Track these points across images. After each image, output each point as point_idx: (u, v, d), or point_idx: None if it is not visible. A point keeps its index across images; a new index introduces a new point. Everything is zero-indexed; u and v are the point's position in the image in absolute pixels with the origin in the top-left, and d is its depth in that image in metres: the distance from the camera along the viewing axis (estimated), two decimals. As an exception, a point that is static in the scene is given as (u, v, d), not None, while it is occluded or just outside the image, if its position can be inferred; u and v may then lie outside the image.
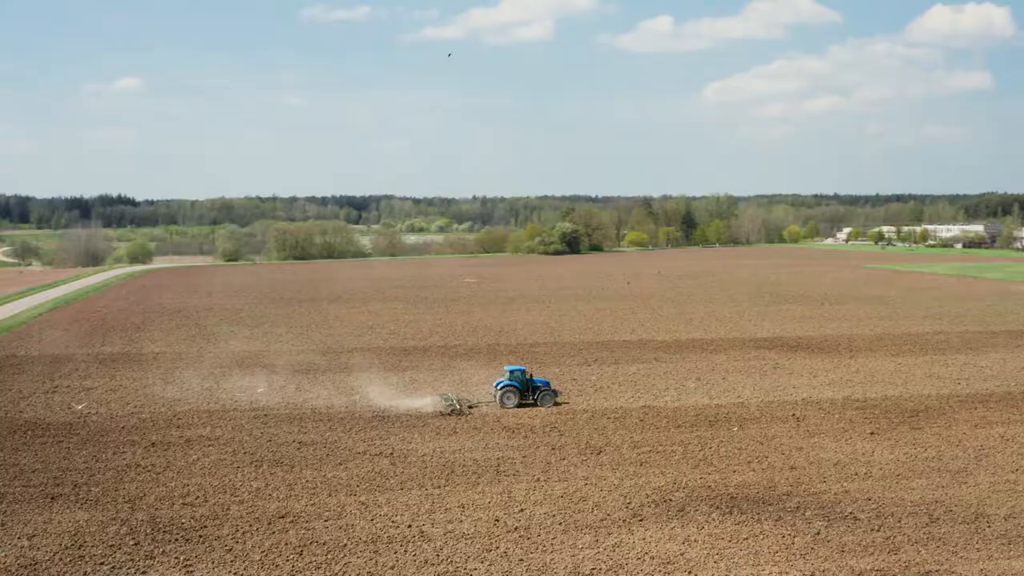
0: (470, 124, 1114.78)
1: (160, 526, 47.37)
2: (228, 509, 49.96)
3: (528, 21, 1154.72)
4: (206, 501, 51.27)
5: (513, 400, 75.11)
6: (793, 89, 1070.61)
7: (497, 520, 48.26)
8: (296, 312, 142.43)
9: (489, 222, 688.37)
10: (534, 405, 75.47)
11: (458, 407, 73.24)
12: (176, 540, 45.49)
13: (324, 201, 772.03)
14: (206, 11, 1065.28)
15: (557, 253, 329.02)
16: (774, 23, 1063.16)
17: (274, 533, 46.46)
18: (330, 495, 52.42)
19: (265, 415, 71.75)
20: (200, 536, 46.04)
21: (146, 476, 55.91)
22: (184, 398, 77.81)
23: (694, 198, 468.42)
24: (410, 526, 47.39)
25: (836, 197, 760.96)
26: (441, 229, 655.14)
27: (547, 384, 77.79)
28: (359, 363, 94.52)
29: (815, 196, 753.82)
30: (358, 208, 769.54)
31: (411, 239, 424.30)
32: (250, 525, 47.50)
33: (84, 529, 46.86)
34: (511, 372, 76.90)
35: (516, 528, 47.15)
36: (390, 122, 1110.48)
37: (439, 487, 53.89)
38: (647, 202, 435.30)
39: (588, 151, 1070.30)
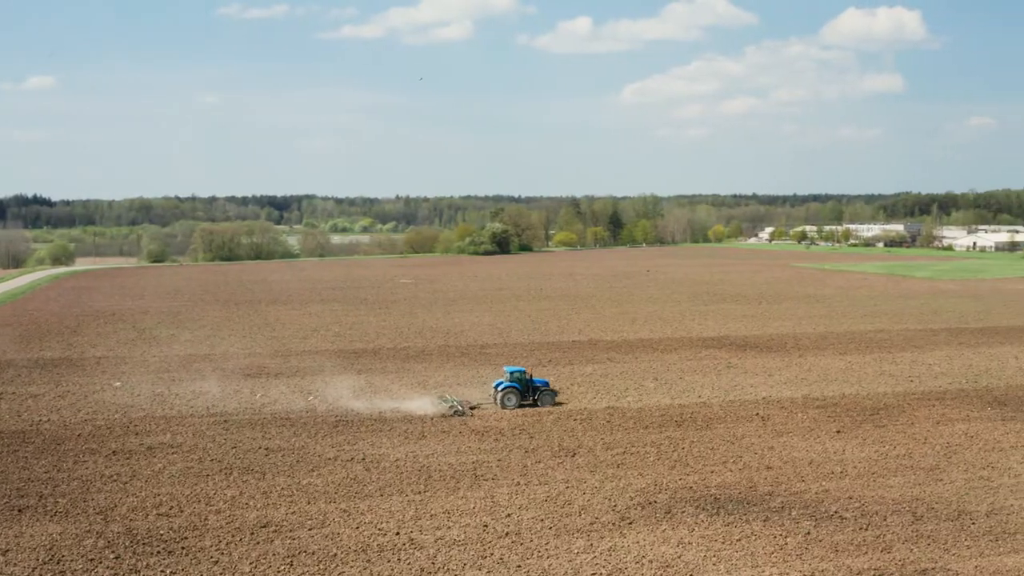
0: (391, 124, 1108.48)
1: (138, 538, 45.72)
2: (206, 519, 48.43)
3: (447, 21, 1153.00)
4: (181, 511, 49.65)
5: (514, 401, 74.49)
6: (710, 90, 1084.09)
7: (486, 526, 47.49)
8: (235, 314, 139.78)
9: (413, 222, 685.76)
10: (533, 405, 75.02)
11: (460, 409, 72.55)
12: (158, 552, 43.93)
13: (244, 201, 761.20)
14: (120, 9, 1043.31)
15: (487, 253, 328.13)
16: (691, 25, 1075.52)
17: (259, 543, 45.11)
18: (309, 503, 51.14)
19: (225, 421, 69.97)
20: (183, 548, 44.52)
21: (113, 486, 54.03)
22: (137, 404, 75.63)
23: (620, 198, 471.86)
24: (398, 533, 46.38)
25: (755, 197, 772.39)
26: (365, 229, 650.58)
27: (546, 384, 77.40)
28: (311, 366, 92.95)
29: (734, 196, 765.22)
30: (279, 208, 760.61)
31: (337, 239, 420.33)
32: (232, 535, 46.07)
33: (59, 543, 45.03)
34: (511, 373, 76.23)
35: (507, 533, 46.43)
36: (310, 121, 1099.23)
37: (419, 493, 52.92)
38: (575, 202, 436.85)
39: (510, 151, 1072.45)
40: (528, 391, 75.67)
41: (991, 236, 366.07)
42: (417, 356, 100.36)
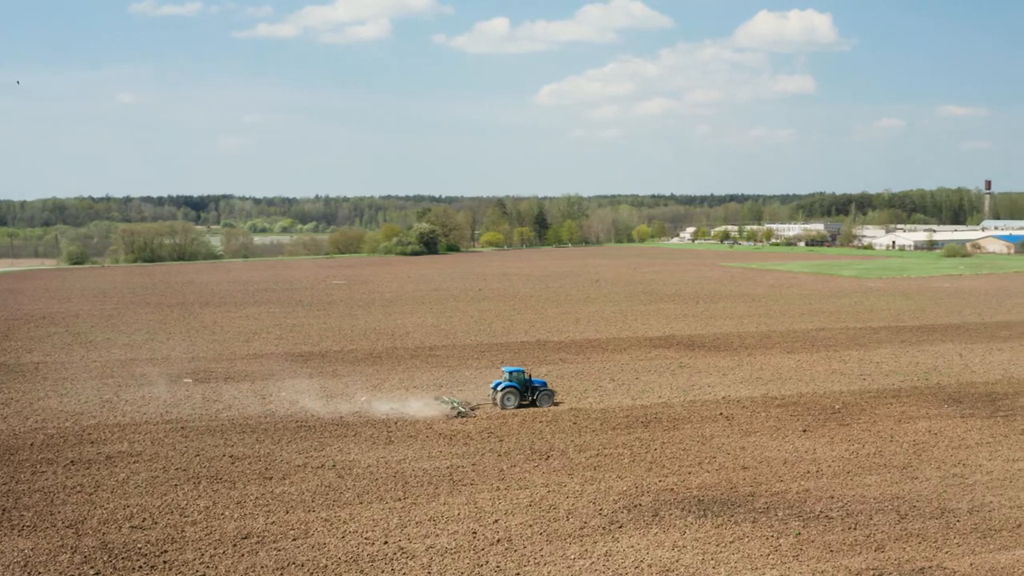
0: (309, 123, 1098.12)
1: (115, 552, 43.87)
2: (183, 531, 46.69)
3: (364, 20, 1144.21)
4: (155, 523, 47.81)
5: (513, 401, 74.00)
6: (625, 92, 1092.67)
7: (475, 533, 46.51)
8: (170, 317, 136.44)
9: (333, 222, 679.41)
10: (532, 405, 74.52)
11: (464, 410, 71.83)
12: (140, 568, 42.18)
13: (160, 201, 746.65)
14: (32, 7, 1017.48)
15: (415, 254, 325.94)
16: (607, 27, 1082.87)
17: (244, 555, 43.58)
18: (287, 512, 49.64)
19: (182, 427, 67.88)
20: (164, 562, 42.81)
21: (79, 498, 51.91)
22: (86, 411, 73.09)
23: (544, 198, 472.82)
24: (386, 542, 45.19)
25: (674, 197, 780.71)
26: (284, 230, 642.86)
27: (544, 384, 76.80)
28: (260, 370, 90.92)
29: (653, 196, 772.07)
30: (196, 208, 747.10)
31: (259, 240, 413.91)
32: (214, 548, 44.45)
33: (32, 559, 43.00)
34: (510, 373, 75.54)
35: (498, 540, 45.51)
36: (226, 120, 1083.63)
37: (399, 500, 51.73)
38: (501, 203, 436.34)
39: (429, 151, 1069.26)
40: (527, 391, 75.17)
41: (909, 235, 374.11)
42: (366, 359, 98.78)
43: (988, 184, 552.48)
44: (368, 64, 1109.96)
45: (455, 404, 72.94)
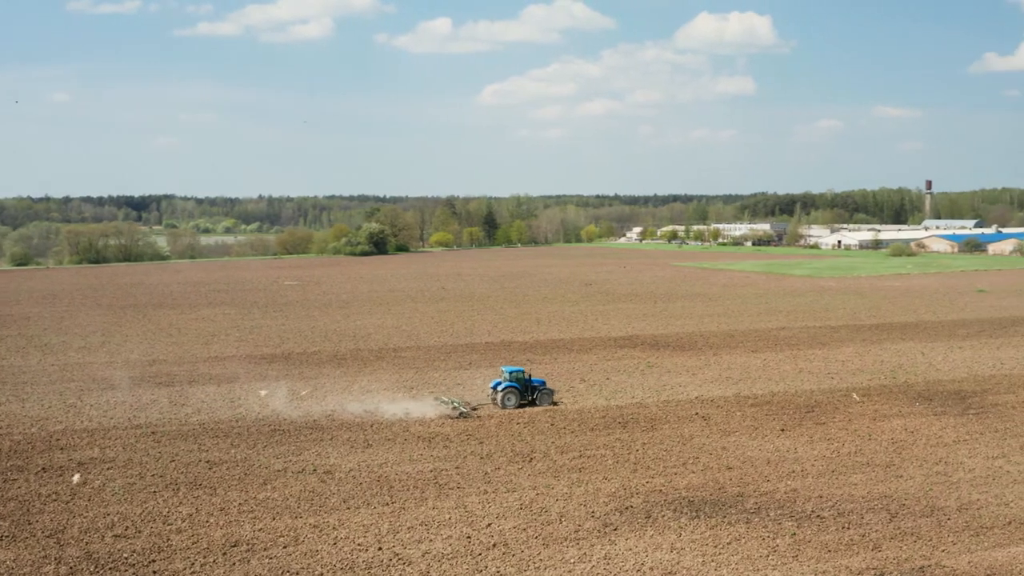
0: (251, 122, 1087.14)
1: (100, 562, 42.55)
2: (168, 540, 45.41)
3: (306, 19, 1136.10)
4: (139, 532, 46.46)
5: (514, 401, 73.67)
6: (568, 92, 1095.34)
7: (469, 537, 45.78)
8: (125, 319, 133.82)
9: (277, 222, 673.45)
10: (532, 405, 74.25)
11: (465, 411, 71.34)
12: (129, 578, 40.88)
13: (101, 201, 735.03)
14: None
15: (364, 254, 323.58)
16: (550, 27, 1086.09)
17: (235, 564, 42.47)
18: (274, 519, 48.52)
19: (152, 432, 66.30)
20: (153, 572, 41.60)
21: (55, 506, 50.37)
22: (51, 416, 71.20)
23: (493, 198, 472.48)
24: (380, 549, 44.29)
25: (618, 197, 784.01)
26: (228, 230, 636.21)
27: (543, 384, 76.45)
28: (224, 373, 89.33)
29: (598, 197, 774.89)
30: (137, 208, 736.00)
31: (203, 240, 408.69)
32: (204, 557, 43.28)
33: (15, 571, 41.55)
34: (510, 373, 75.08)
35: (494, 545, 44.82)
36: (167, 119, 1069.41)
37: (387, 504, 50.82)
38: (450, 203, 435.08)
39: (373, 150, 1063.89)
40: (527, 390, 74.89)
41: (855, 235, 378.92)
42: (331, 361, 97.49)
43: (928, 184, 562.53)
44: (311, 63, 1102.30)
45: (456, 404, 72.35)
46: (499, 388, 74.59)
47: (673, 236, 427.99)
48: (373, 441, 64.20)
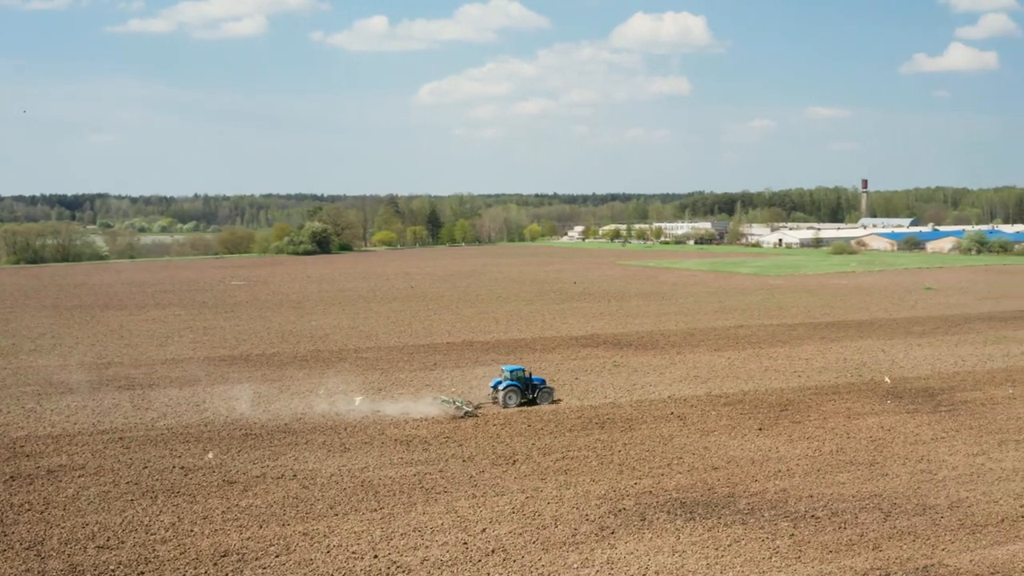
0: (186, 120, 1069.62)
1: (86, 575, 40.80)
2: (154, 550, 43.81)
3: (239, 16, 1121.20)
4: (122, 542, 44.77)
5: (515, 400, 73.30)
6: (504, 91, 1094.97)
7: (466, 544, 44.76)
8: (72, 321, 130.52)
9: (214, 221, 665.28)
10: (532, 403, 73.91)
11: (469, 410, 70.68)
12: (119, 592, 39.28)
13: (33, 200, 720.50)
14: None
15: (307, 253, 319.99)
16: (485, 27, 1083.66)
17: (227, 575, 40.99)
18: (261, 526, 47.08)
19: (120, 438, 64.33)
20: (143, 585, 39.99)
21: (30, 516, 48.46)
22: (11, 422, 68.87)
23: (436, 197, 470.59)
24: (376, 557, 43.09)
25: (557, 196, 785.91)
26: (164, 229, 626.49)
27: (543, 382, 76.03)
28: (184, 376, 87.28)
29: (537, 196, 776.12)
30: (71, 207, 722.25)
31: (142, 240, 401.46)
32: (194, 567, 41.80)
33: (-2, 586, 39.75)
34: (511, 372, 74.48)
35: (492, 551, 43.86)
36: (99, 117, 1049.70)
37: (375, 510, 49.59)
38: (393, 201, 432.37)
39: (311, 149, 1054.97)
40: (527, 389, 74.46)
41: (795, 233, 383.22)
42: (292, 362, 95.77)
43: (865, 183, 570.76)
44: (245, 61, 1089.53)
45: (459, 404, 71.57)
46: (500, 387, 74.14)
47: (616, 235, 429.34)
48: (350, 444, 62.86)
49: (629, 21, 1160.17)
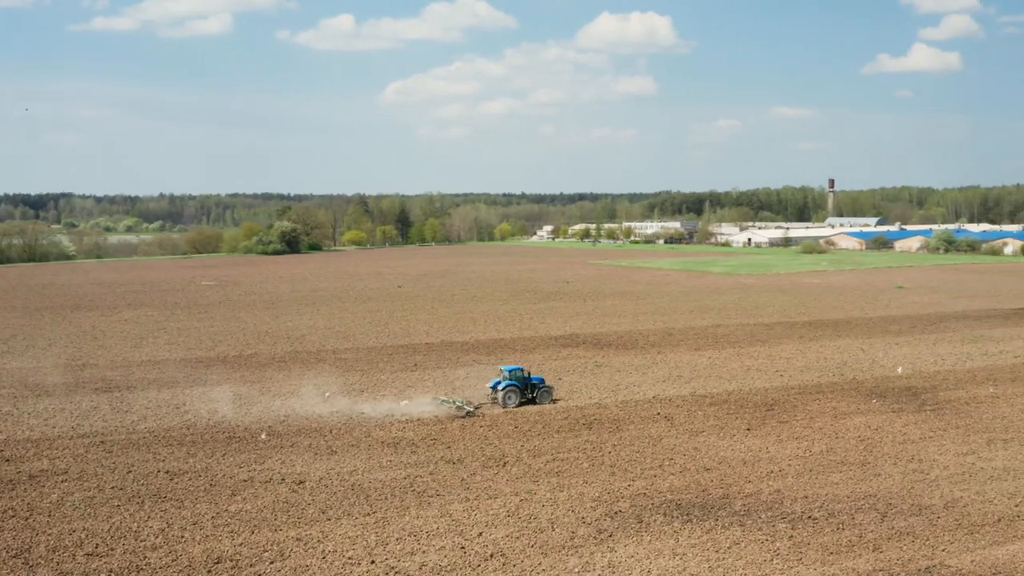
0: (150, 119, 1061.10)
1: (77, 585, 39.87)
2: (145, 557, 42.86)
3: (205, 14, 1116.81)
4: (111, 550, 43.76)
5: (515, 399, 73.01)
6: (471, 91, 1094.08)
7: (463, 548, 44.10)
8: (43, 322, 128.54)
9: (179, 221, 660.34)
10: (531, 403, 73.65)
11: (471, 410, 70.41)
12: (112, 601, 38.34)
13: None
14: None
15: (277, 253, 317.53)
16: (452, 26, 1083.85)
17: (223, 582, 40.17)
18: (253, 532, 46.20)
19: (101, 442, 63.14)
20: (137, 593, 39.08)
21: (15, 523, 47.32)
22: (-13, 426, 67.43)
23: (406, 196, 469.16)
24: (373, 562, 42.38)
25: (525, 196, 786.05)
26: (130, 229, 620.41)
27: (542, 381, 75.69)
28: (163, 377, 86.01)
29: (505, 195, 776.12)
30: (34, 207, 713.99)
31: (109, 239, 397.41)
32: (187, 575, 40.84)
33: (-14, 596, 38.70)
34: (510, 371, 74.11)
35: (491, 555, 43.25)
36: (63, 116, 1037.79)
37: (368, 515, 48.84)
38: (363, 201, 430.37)
39: (277, 148, 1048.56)
40: (526, 389, 74.14)
41: (764, 232, 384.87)
42: (271, 363, 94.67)
43: (831, 183, 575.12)
44: (211, 59, 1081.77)
45: (459, 404, 71.25)
46: (500, 387, 73.82)
47: (586, 234, 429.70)
48: (336, 447, 62.03)
49: (595, 21, 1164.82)
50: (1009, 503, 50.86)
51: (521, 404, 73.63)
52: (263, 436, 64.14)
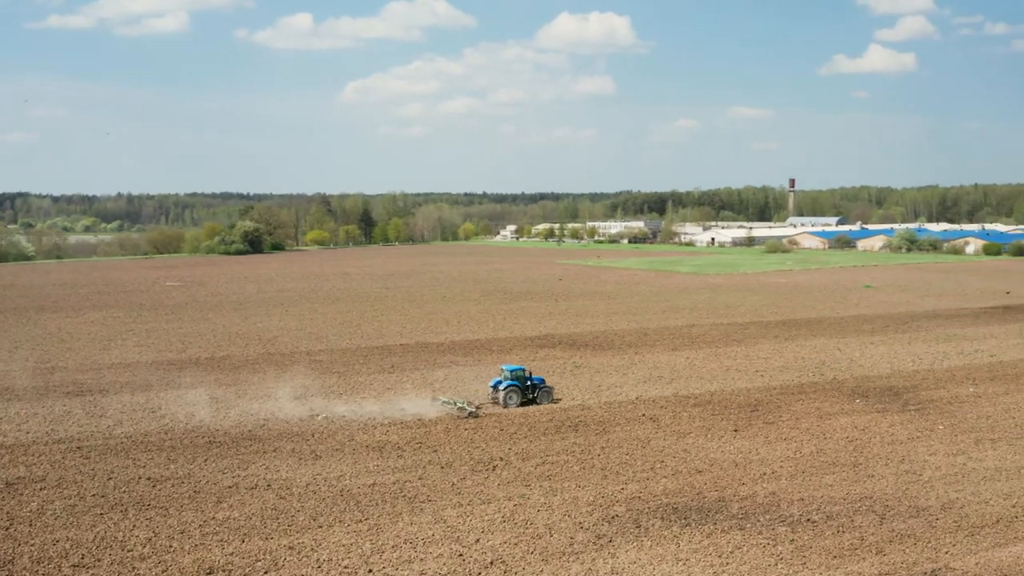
0: (107, 118, 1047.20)
1: (65, 598, 38.51)
2: (134, 568, 41.56)
3: (162, 13, 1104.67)
4: (98, 560, 42.39)
5: (516, 400, 72.55)
6: (431, 90, 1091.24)
7: (461, 556, 43.15)
8: (7, 323, 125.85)
9: (138, 221, 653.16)
10: (532, 403, 73.16)
11: (473, 411, 69.77)
12: (104, 614, 37.02)
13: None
14: None
15: (239, 253, 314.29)
16: (411, 25, 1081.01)
17: (217, 594, 38.96)
18: (243, 541, 44.96)
19: (78, 448, 61.51)
20: (129, 606, 37.77)
21: (-6, 534, 45.77)
22: (-42, 432, 65.54)
23: (365, 196, 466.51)
24: (371, 571, 41.35)
25: (487, 195, 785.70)
26: (88, 229, 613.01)
27: (542, 381, 75.17)
28: (135, 380, 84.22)
29: (466, 195, 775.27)
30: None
31: (69, 240, 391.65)
32: (180, 586, 39.62)
33: (-29, 611, 37.24)
34: (511, 372, 73.48)
35: (491, 563, 42.34)
36: (18, 115, 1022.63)
37: (360, 522, 47.74)
38: (325, 200, 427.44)
39: (235, 147, 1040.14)
40: (527, 389, 73.63)
41: (728, 232, 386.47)
42: (244, 366, 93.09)
43: (792, 183, 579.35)
44: (167, 58, 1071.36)
45: (460, 405, 70.60)
46: (501, 387, 73.23)
47: (550, 234, 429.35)
48: (320, 452, 60.82)
49: (554, 21, 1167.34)
50: (1006, 504, 50.67)
51: (522, 404, 72.93)
52: (320, 417, 68.26)
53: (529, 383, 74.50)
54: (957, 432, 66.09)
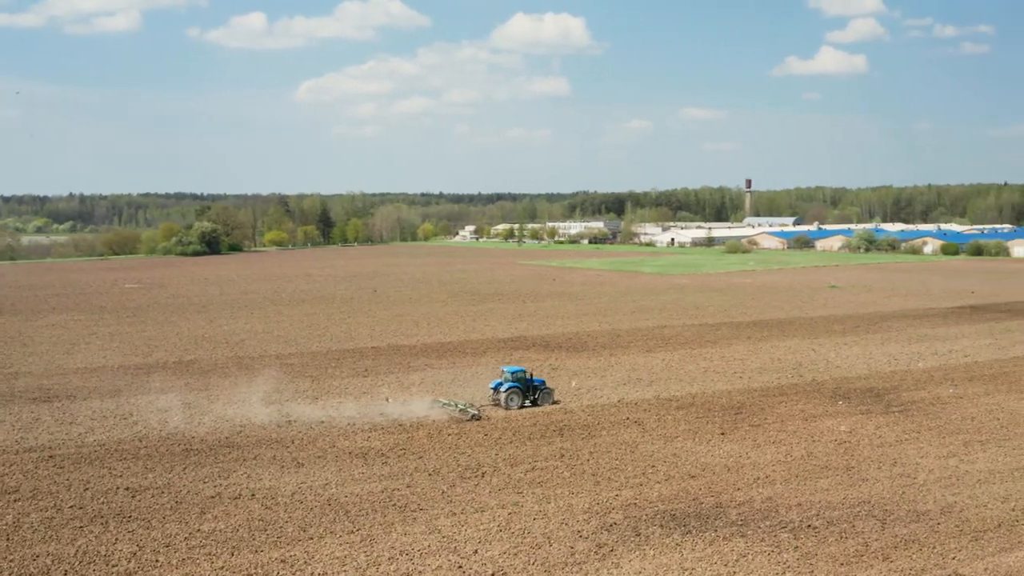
0: (57, 117, 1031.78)
1: (51, 618, 36.76)
2: (121, 585, 39.83)
3: (112, 11, 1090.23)
4: (82, 577, 40.64)
5: (517, 401, 71.90)
6: (385, 90, 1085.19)
7: (461, 567, 41.90)
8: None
9: (90, 221, 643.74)
10: (533, 405, 72.53)
11: (476, 413, 68.96)
12: (94, 635, 35.34)
13: None
14: None
15: (196, 254, 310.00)
16: (365, 24, 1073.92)
17: (211, 611, 37.39)
18: (232, 554, 43.37)
19: (50, 456, 59.49)
20: (119, 626, 36.11)
21: (-30, 550, 43.80)
22: (-77, 442, 63.20)
23: (327, 196, 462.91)
24: (369, 584, 39.92)
25: (444, 196, 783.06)
26: (39, 229, 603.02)
27: (543, 383, 74.31)
28: (103, 386, 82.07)
29: (423, 195, 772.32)
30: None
31: (22, 240, 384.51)
32: (171, 604, 38.00)
33: (-47, 634, 35.40)
34: (512, 373, 72.63)
35: (492, 575, 41.07)
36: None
37: (352, 532, 46.31)
38: (284, 200, 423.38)
39: (188, 147, 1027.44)
40: (528, 390, 72.89)
41: (688, 232, 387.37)
42: (214, 370, 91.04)
43: (748, 183, 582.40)
44: (119, 57, 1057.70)
45: (462, 407, 69.60)
46: (502, 389, 72.39)
47: (510, 235, 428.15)
48: (302, 459, 59.23)
49: (509, 21, 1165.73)
50: (1005, 507, 50.23)
51: (523, 406, 72.20)
52: (387, 399, 71.58)
53: (530, 385, 73.68)
54: (944, 434, 65.74)
